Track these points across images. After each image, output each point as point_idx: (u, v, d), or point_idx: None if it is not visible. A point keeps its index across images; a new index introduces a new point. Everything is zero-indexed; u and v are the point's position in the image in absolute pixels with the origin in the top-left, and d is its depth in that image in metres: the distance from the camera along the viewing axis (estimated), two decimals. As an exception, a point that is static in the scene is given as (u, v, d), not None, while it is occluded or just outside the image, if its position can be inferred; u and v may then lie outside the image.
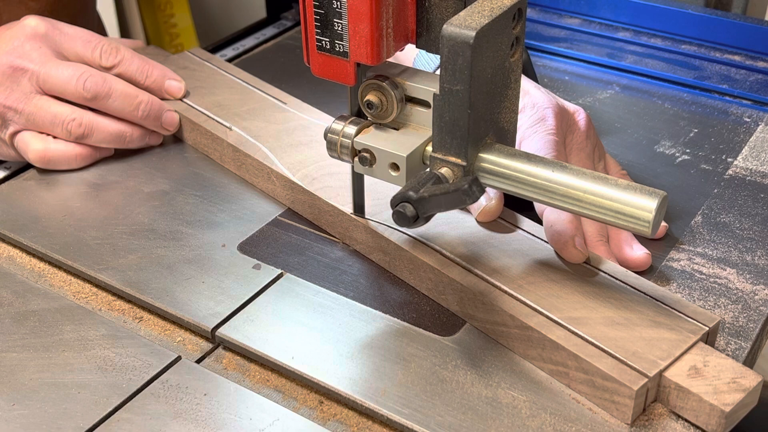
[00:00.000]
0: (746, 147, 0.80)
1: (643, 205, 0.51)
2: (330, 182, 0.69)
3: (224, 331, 0.60)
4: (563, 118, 0.69)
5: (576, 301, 0.57)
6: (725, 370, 0.53)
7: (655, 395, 0.54)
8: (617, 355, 0.53)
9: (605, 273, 0.60)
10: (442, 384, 0.56)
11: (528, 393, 0.55)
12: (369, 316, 0.61)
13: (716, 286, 0.64)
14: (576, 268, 0.60)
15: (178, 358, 0.58)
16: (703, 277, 0.65)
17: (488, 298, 0.58)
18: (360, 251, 0.67)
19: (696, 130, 0.83)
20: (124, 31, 1.83)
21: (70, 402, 0.55)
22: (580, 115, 0.71)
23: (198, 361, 0.59)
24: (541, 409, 0.54)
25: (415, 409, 0.54)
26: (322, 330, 0.60)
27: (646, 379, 0.52)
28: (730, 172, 0.76)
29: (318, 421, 0.54)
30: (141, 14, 1.83)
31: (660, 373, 0.53)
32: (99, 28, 1.06)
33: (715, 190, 0.74)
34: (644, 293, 0.58)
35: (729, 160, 0.78)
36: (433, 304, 0.62)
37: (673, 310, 0.57)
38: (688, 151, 0.80)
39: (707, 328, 0.55)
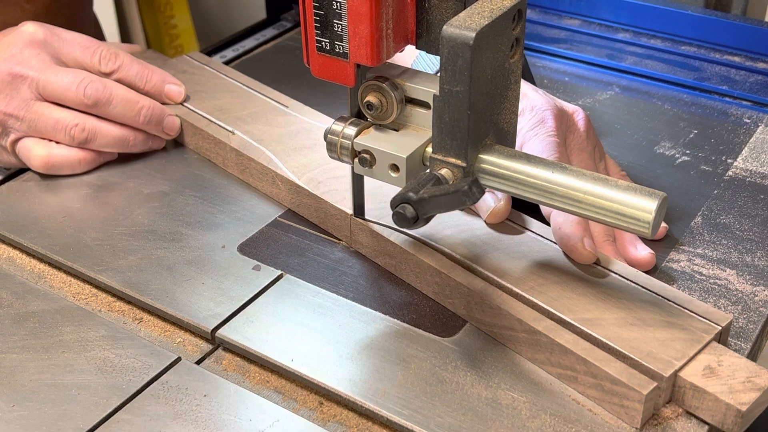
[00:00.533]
0: (746, 148, 0.80)
1: (643, 206, 0.51)
2: (335, 185, 0.69)
3: (224, 332, 0.60)
4: (562, 119, 0.69)
5: (588, 302, 0.57)
6: (740, 369, 0.53)
7: (670, 396, 0.54)
8: (632, 356, 0.53)
9: (615, 273, 0.60)
10: (442, 385, 0.56)
11: (528, 394, 0.55)
12: (369, 317, 0.61)
13: (716, 287, 0.64)
14: (586, 269, 0.60)
15: (178, 359, 0.58)
16: (703, 278, 0.65)
17: (495, 302, 0.58)
18: (366, 255, 0.67)
19: (696, 132, 0.83)
20: (124, 33, 1.83)
21: (69, 403, 0.55)
22: (579, 116, 0.71)
23: (198, 362, 0.59)
24: (541, 410, 0.54)
25: (415, 410, 0.54)
26: (321, 331, 0.60)
27: (655, 384, 0.52)
28: (729, 173, 0.76)
29: (318, 422, 0.54)
30: (141, 15, 1.84)
31: (675, 374, 0.53)
32: (96, 29, 1.06)
33: (715, 191, 0.74)
34: (655, 293, 0.58)
35: (729, 161, 0.78)
36: (433, 305, 0.62)
37: (685, 310, 0.57)
38: (688, 152, 0.80)
39: (720, 328, 0.55)
